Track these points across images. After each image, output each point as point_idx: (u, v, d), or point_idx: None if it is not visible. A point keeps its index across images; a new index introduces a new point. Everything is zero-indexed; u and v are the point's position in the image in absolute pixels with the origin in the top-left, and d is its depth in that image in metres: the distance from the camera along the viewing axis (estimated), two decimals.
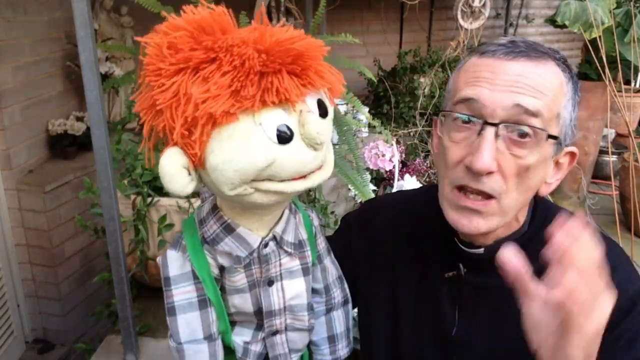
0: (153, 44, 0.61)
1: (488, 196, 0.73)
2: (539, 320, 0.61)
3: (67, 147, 2.43)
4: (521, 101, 0.70)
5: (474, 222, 0.75)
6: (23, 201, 2.25)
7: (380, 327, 0.94)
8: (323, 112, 0.64)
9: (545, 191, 0.79)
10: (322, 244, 0.85)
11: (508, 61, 0.72)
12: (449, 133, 0.76)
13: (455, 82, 0.78)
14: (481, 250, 0.82)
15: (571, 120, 0.76)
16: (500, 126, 0.71)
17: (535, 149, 0.72)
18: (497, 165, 0.71)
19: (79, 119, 2.49)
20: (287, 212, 0.77)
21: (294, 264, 0.78)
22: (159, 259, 0.76)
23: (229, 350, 0.80)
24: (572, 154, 0.79)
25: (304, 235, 0.80)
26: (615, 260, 0.79)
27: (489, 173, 0.71)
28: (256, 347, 0.80)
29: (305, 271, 0.79)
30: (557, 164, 0.79)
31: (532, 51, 0.73)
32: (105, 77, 2.49)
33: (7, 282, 2.28)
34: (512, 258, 0.59)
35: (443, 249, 0.87)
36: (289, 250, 0.76)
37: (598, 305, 0.56)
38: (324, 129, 0.65)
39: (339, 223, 1.07)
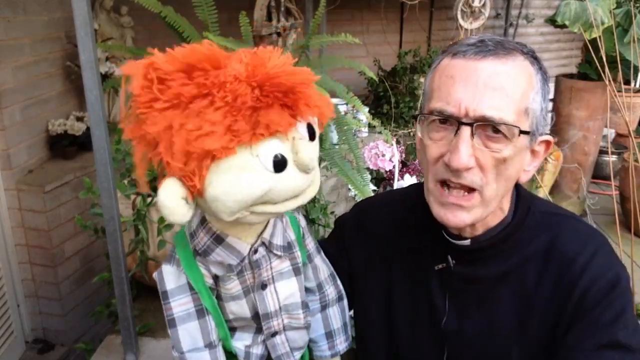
0: (143, 77, 0.60)
1: (469, 189, 0.77)
2: None
3: (67, 147, 2.43)
4: (485, 112, 0.74)
5: (459, 216, 0.79)
6: (23, 201, 2.25)
7: (376, 323, 0.96)
8: (311, 135, 0.67)
9: (524, 178, 0.83)
10: (310, 243, 0.87)
11: (478, 61, 0.76)
12: (428, 133, 0.80)
13: (431, 83, 0.82)
14: (467, 242, 0.85)
15: (542, 110, 0.79)
16: (475, 125, 0.74)
17: (510, 143, 0.75)
18: (475, 160, 0.75)
19: (79, 119, 2.49)
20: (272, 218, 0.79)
21: (285, 265, 0.80)
22: (155, 275, 0.78)
23: (230, 355, 0.82)
24: (547, 142, 0.83)
25: (292, 236, 0.82)
26: (597, 244, 0.83)
27: (468, 168, 0.75)
28: (257, 350, 0.82)
29: (297, 271, 0.81)
30: (533, 152, 0.82)
31: (500, 49, 0.77)
32: (105, 77, 2.48)
33: (7, 282, 2.28)
34: None
35: (432, 243, 0.90)
36: (279, 253, 0.78)
37: None
38: (315, 153, 0.68)
39: None
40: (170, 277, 0.76)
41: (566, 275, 0.81)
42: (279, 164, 0.63)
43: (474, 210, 0.78)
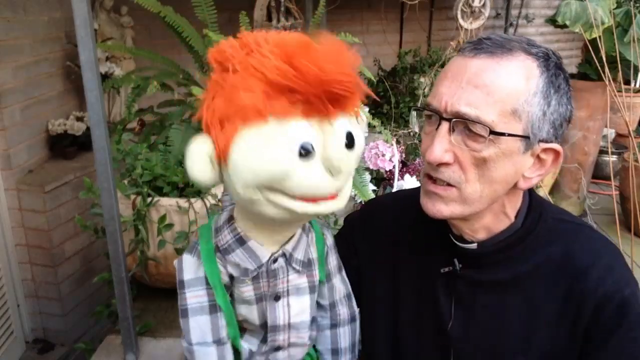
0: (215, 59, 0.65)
1: (448, 184, 0.78)
2: None
3: (67, 147, 2.43)
4: (461, 109, 0.74)
5: (436, 206, 0.80)
6: (23, 201, 2.25)
7: (381, 324, 0.96)
8: (350, 143, 0.64)
9: (524, 185, 0.81)
10: (333, 262, 0.86)
11: (470, 58, 0.76)
12: (424, 127, 0.82)
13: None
14: (474, 245, 0.85)
15: (545, 114, 0.76)
16: (453, 121, 0.75)
17: (491, 143, 0.74)
18: (453, 157, 0.76)
19: (79, 119, 2.49)
20: (299, 230, 0.78)
21: (302, 281, 0.79)
22: (175, 262, 0.79)
23: (236, 353, 0.82)
24: (555, 152, 0.80)
25: (313, 254, 0.81)
26: (612, 258, 0.82)
27: (447, 164, 0.76)
28: (260, 359, 0.82)
29: (312, 289, 0.81)
30: (539, 159, 0.80)
31: (497, 48, 0.76)
32: (105, 77, 2.48)
33: (7, 282, 2.28)
34: None
35: (439, 245, 0.89)
36: (298, 267, 0.78)
37: None
38: (347, 159, 0.64)
39: (338, 223, 1.08)
40: (189, 267, 0.76)
41: (578, 288, 0.79)
42: (305, 149, 0.61)
43: (452, 204, 0.79)
